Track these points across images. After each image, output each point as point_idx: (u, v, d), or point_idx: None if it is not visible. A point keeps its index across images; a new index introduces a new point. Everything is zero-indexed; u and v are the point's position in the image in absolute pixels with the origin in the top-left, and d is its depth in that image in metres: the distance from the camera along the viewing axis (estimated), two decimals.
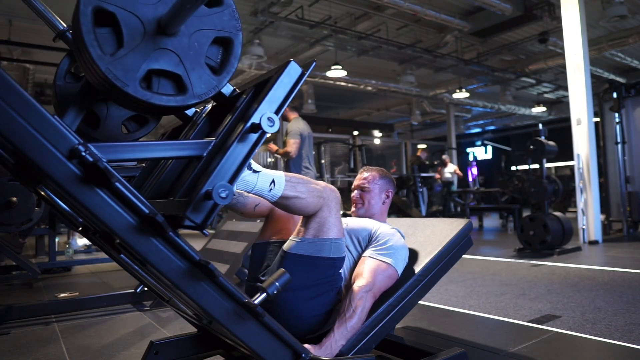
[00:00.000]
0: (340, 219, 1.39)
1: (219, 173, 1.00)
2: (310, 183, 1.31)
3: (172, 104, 1.01)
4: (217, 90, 1.08)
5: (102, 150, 0.95)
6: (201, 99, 1.05)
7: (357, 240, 1.57)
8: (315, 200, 1.30)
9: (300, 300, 1.35)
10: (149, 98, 0.98)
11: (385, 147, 13.97)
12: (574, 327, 2.15)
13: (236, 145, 1.04)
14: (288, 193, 1.26)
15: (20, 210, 3.33)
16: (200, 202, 0.97)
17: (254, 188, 1.23)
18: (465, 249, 1.71)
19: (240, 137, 1.04)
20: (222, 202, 0.96)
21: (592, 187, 5.59)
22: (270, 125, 1.05)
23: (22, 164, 1.12)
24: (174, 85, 1.04)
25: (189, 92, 1.03)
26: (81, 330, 2.40)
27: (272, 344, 1.14)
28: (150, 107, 1.01)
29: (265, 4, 7.11)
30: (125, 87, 0.95)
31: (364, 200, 1.75)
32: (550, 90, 13.31)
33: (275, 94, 1.10)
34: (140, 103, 0.98)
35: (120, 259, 1.36)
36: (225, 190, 0.96)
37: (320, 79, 10.08)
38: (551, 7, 7.71)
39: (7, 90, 0.86)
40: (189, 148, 1.07)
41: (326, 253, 1.35)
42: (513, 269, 3.88)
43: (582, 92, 5.66)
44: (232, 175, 1.02)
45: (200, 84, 1.05)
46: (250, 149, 1.05)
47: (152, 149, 1.03)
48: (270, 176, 1.24)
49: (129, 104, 1.02)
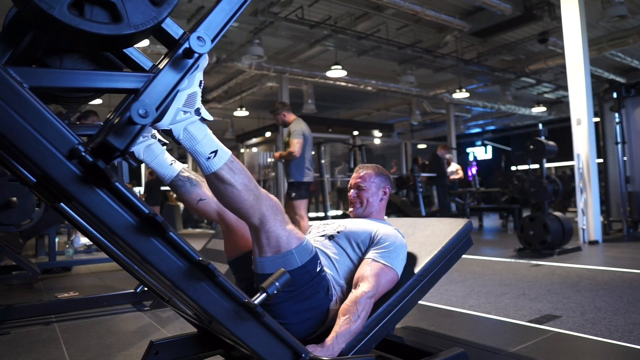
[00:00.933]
0: (287, 223, 1.30)
1: (145, 97, 0.96)
2: (252, 181, 1.21)
3: (105, 32, 0.93)
4: (156, 22, 1.00)
5: (28, 76, 0.90)
6: (137, 30, 0.97)
7: (356, 244, 1.56)
8: (248, 197, 1.19)
9: (288, 312, 1.34)
10: (78, 24, 0.90)
11: (385, 147, 13.97)
12: (574, 327, 2.15)
13: (167, 70, 0.99)
14: (224, 174, 1.15)
15: (20, 210, 3.33)
16: (123, 127, 0.93)
17: (197, 144, 1.12)
18: (465, 249, 1.71)
19: (172, 62, 1.00)
20: (141, 120, 0.91)
21: (592, 187, 5.59)
22: (200, 44, 1.00)
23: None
24: (109, 14, 0.96)
25: (124, 21, 0.96)
26: (81, 330, 2.40)
27: (272, 344, 1.14)
28: (80, 35, 0.92)
29: (265, 4, 7.11)
30: (50, 9, 0.87)
31: (361, 199, 1.74)
32: (550, 90, 13.30)
33: (213, 19, 1.05)
34: (69, 30, 0.90)
35: (121, 259, 1.36)
36: (143, 108, 0.92)
37: (320, 79, 10.08)
38: (551, 7, 7.71)
39: (7, 90, 0.86)
40: (125, 80, 1.01)
41: (294, 265, 1.31)
42: (513, 269, 3.88)
43: (582, 92, 5.66)
44: (160, 102, 0.98)
45: (137, 13, 0.97)
46: (183, 74, 1.01)
47: (84, 77, 0.97)
48: (216, 144, 1.15)
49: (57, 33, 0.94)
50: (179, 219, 11.00)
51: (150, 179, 9.19)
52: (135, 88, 1.00)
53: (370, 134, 14.56)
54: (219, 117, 13.88)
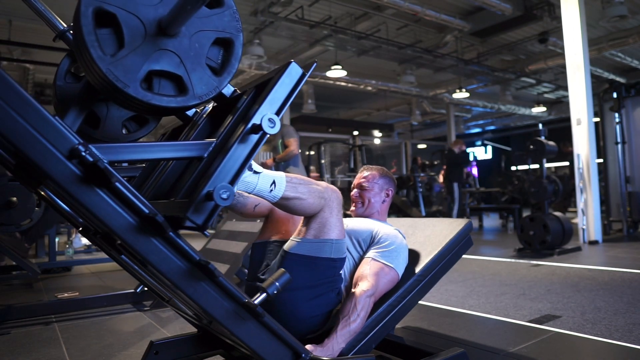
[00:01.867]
0: (341, 219, 1.38)
1: (220, 174, 1.00)
2: (312, 184, 1.31)
3: (173, 105, 1.02)
4: (217, 91, 1.08)
5: (103, 151, 0.95)
6: (202, 100, 1.05)
7: (357, 241, 1.56)
8: (316, 200, 1.29)
9: (300, 301, 1.35)
10: (150, 99, 0.98)
11: (385, 147, 13.98)
12: (574, 327, 2.15)
13: (237, 146, 1.04)
14: (289, 194, 1.25)
15: (20, 210, 3.33)
16: (201, 203, 0.97)
17: (255, 189, 1.22)
18: (465, 249, 1.71)
19: (241, 138, 1.04)
20: (223, 203, 0.96)
21: (592, 187, 5.59)
22: (271, 126, 1.05)
23: (23, 164, 1.12)
24: (175, 86, 1.04)
25: (190, 92, 1.04)
26: (81, 330, 2.40)
27: (272, 344, 1.14)
28: (151, 108, 1.01)
29: (265, 4, 7.11)
30: (126, 87, 0.95)
31: (363, 199, 1.74)
32: (550, 90, 13.30)
33: (276, 95, 1.10)
34: (141, 104, 0.99)
35: (120, 259, 1.37)
36: (226, 191, 0.97)
37: (320, 79, 10.08)
38: (551, 7, 7.71)
39: (7, 90, 0.86)
40: (190, 149, 1.07)
41: (327, 254, 1.34)
42: (513, 269, 3.88)
43: (582, 92, 5.66)
44: (233, 177, 1.02)
45: (201, 84, 1.05)
46: (251, 149, 1.05)
47: (153, 149, 1.03)
48: (270, 177, 1.24)
49: (129, 105, 1.02)
50: None
51: None
52: (200, 156, 1.07)
53: (370, 134, 14.58)
54: None
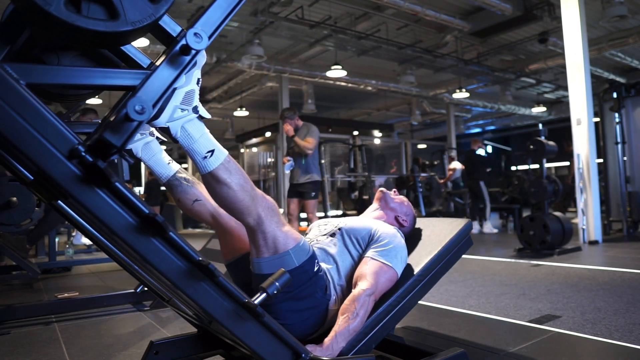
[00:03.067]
0: (283, 223, 1.30)
1: (141, 94, 0.96)
2: (248, 182, 1.21)
3: (101, 29, 0.93)
4: (153, 19, 0.99)
5: (23, 72, 0.90)
6: (135, 27, 0.97)
7: (355, 240, 1.56)
8: (245, 197, 1.19)
9: (285, 312, 1.34)
10: (75, 20, 0.89)
11: (385, 147, 13.96)
12: (574, 327, 2.15)
13: (164, 67, 0.99)
14: (220, 174, 1.15)
15: (20, 210, 3.33)
16: (119, 124, 0.93)
17: (194, 142, 1.12)
18: (465, 249, 1.71)
19: (169, 58, 1.00)
20: (137, 117, 0.91)
21: (592, 187, 5.59)
22: (197, 41, 1.00)
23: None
24: (105, 11, 0.96)
25: (121, 17, 0.95)
26: (81, 330, 2.40)
27: (272, 344, 1.14)
28: (77, 31, 0.92)
29: (265, 4, 7.11)
30: (47, 6, 0.86)
31: (386, 201, 1.78)
32: (550, 90, 13.30)
33: (210, 16, 1.05)
34: (66, 27, 0.90)
35: (121, 259, 1.36)
36: (139, 104, 0.91)
37: (320, 79, 10.08)
38: (551, 7, 7.71)
39: (7, 90, 0.86)
40: (122, 77, 1.00)
41: (291, 265, 1.30)
42: (513, 269, 3.88)
43: (582, 92, 5.66)
44: (158, 98, 0.98)
45: (133, 10, 0.96)
46: (180, 71, 1.00)
47: (82, 74, 0.97)
48: (213, 144, 1.15)
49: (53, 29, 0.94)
50: (179, 219, 11.01)
51: (150, 179, 9.21)
52: (132, 85, 1.00)
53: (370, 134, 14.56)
54: (219, 117, 13.88)
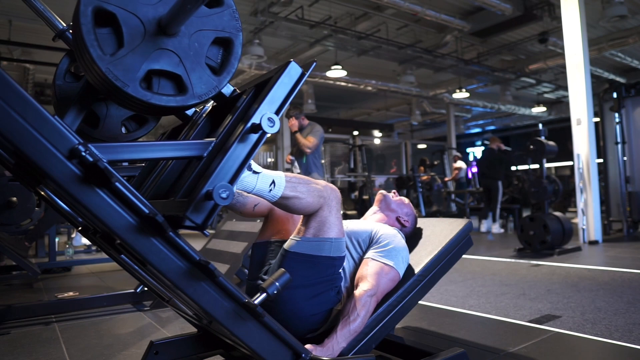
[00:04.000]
0: (340, 218, 1.39)
1: (219, 173, 1.00)
2: (311, 183, 1.31)
3: (172, 105, 1.02)
4: (217, 91, 1.08)
5: (102, 151, 0.95)
6: (201, 99, 1.05)
7: (357, 242, 1.56)
8: (315, 200, 1.30)
9: (299, 299, 1.35)
10: (149, 98, 0.98)
11: (385, 147, 13.96)
12: (574, 327, 2.15)
13: (236, 145, 1.04)
14: (288, 193, 1.26)
15: (20, 210, 3.33)
16: (200, 203, 0.97)
17: (254, 189, 1.23)
18: (465, 249, 1.71)
19: (240, 137, 1.04)
20: (222, 202, 0.96)
21: (592, 187, 5.59)
22: (270, 125, 1.05)
23: (22, 163, 1.12)
24: (174, 86, 1.04)
25: (189, 92, 1.03)
26: (81, 330, 2.40)
27: (272, 344, 1.14)
28: (150, 107, 1.01)
29: (265, 4, 7.12)
30: (125, 87, 0.95)
31: (387, 203, 1.80)
32: (550, 90, 13.31)
33: (275, 94, 1.10)
34: (141, 103, 0.99)
35: (120, 259, 1.36)
36: (225, 190, 0.97)
37: (320, 79, 10.08)
38: (551, 7, 7.71)
39: (7, 90, 0.86)
40: (189, 148, 1.07)
41: (326, 252, 1.35)
42: (513, 269, 3.88)
43: (582, 92, 5.66)
44: (233, 176, 1.02)
45: (200, 84, 1.05)
46: (251, 149, 1.05)
47: (153, 149, 1.03)
48: (270, 177, 1.24)
49: (129, 104, 1.02)
50: None
51: None
52: (199, 155, 1.07)
53: (370, 134, 14.58)
54: None
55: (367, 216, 1.84)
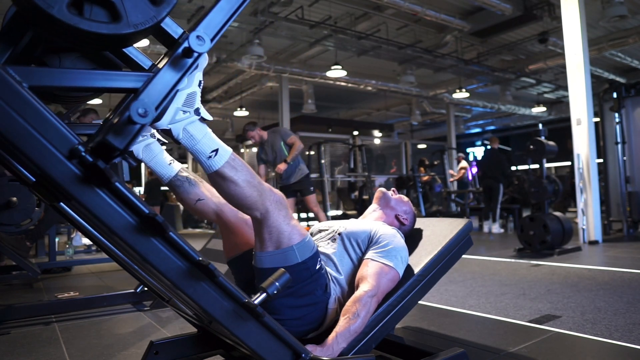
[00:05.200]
0: (291, 218, 1.32)
1: (144, 96, 0.96)
2: (255, 177, 1.22)
3: (104, 31, 0.93)
4: (155, 21, 1.00)
5: (28, 75, 0.90)
6: (137, 29, 0.97)
7: (355, 243, 1.56)
8: (250, 193, 1.20)
9: (284, 308, 1.34)
10: (77, 23, 0.90)
11: (385, 147, 13.96)
12: (574, 327, 2.15)
13: (166, 69, 0.99)
14: (226, 171, 1.16)
15: (21, 210, 3.33)
16: (122, 127, 0.93)
17: (197, 143, 1.13)
18: (465, 249, 1.70)
19: (171, 61, 1.00)
20: (140, 120, 0.91)
21: (592, 187, 5.59)
22: (200, 44, 1.00)
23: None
24: (108, 14, 0.96)
25: (123, 20, 0.95)
26: (81, 330, 2.40)
27: (272, 344, 1.14)
28: (79, 34, 0.92)
29: (265, 4, 7.11)
30: (49, 8, 0.86)
31: (386, 200, 1.79)
32: (550, 90, 13.30)
33: (212, 19, 1.05)
34: (68, 29, 0.90)
35: (121, 259, 1.36)
36: (142, 107, 0.92)
37: (320, 79, 10.07)
38: (551, 7, 7.71)
39: (7, 90, 0.86)
40: (124, 79, 1.01)
41: (293, 260, 1.31)
42: (513, 269, 3.88)
43: (582, 92, 5.66)
44: (160, 101, 0.98)
45: (136, 12, 0.97)
46: (182, 74, 1.01)
47: (84, 77, 0.98)
48: (216, 143, 1.16)
49: (56, 32, 0.94)
50: (179, 219, 11.01)
51: (150, 178, 9.21)
52: (134, 87, 1.00)
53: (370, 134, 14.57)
54: (219, 117, 13.87)
55: (366, 214, 1.83)
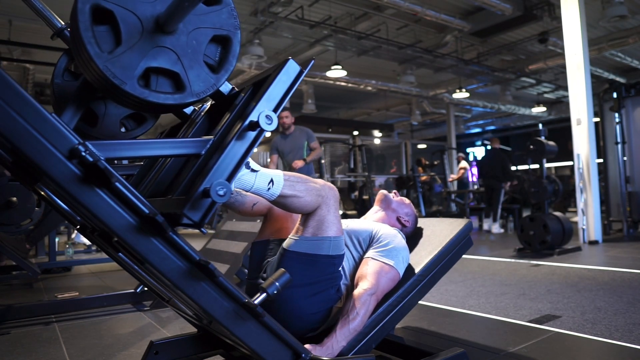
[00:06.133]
0: (338, 216, 1.39)
1: (216, 171, 1.00)
2: (309, 182, 1.32)
3: (170, 102, 1.01)
4: (215, 89, 1.08)
5: (101, 148, 0.95)
6: (199, 97, 1.05)
7: (357, 241, 1.56)
8: (313, 198, 1.30)
9: (299, 298, 1.35)
10: (147, 96, 0.98)
11: (385, 147, 13.96)
12: (574, 327, 2.15)
13: (234, 143, 1.03)
14: (286, 192, 1.26)
15: (20, 210, 3.33)
16: (198, 200, 0.97)
17: (252, 187, 1.23)
18: (465, 249, 1.70)
19: (238, 135, 1.04)
20: (219, 199, 0.96)
21: (592, 187, 5.59)
22: (268, 123, 1.05)
23: (20, 162, 1.12)
24: (172, 84, 1.04)
25: (187, 90, 1.03)
26: (81, 330, 2.39)
27: (272, 344, 1.13)
28: (148, 105, 1.00)
29: (265, 4, 7.11)
30: (123, 85, 0.94)
31: (387, 203, 1.80)
32: (550, 90, 13.31)
33: (273, 91, 1.09)
34: (138, 101, 0.98)
35: (120, 258, 1.36)
36: (223, 187, 0.97)
37: (320, 79, 10.08)
38: (551, 7, 7.71)
39: (7, 90, 0.86)
40: (187, 146, 1.07)
41: (325, 251, 1.35)
42: (513, 269, 3.88)
43: (582, 92, 5.66)
44: (230, 173, 1.02)
45: (198, 82, 1.05)
46: (249, 147, 1.05)
47: (151, 146, 1.03)
48: (268, 176, 1.25)
49: (127, 102, 1.02)
50: None
51: None
52: (197, 153, 1.07)
53: (370, 134, 14.58)
54: None
55: (367, 216, 1.83)
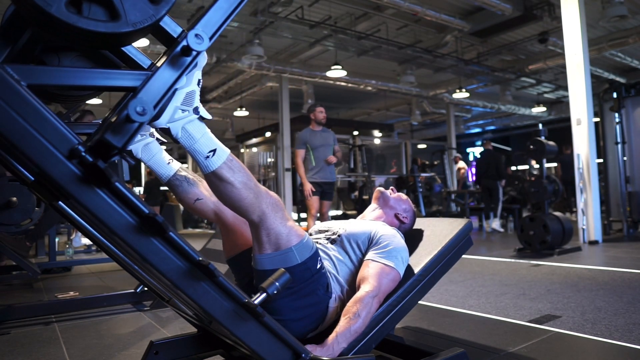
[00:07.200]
0: (288, 219, 1.31)
1: (142, 94, 0.96)
2: (251, 180, 1.22)
3: (102, 30, 0.93)
4: (154, 20, 0.99)
5: (25, 73, 0.90)
6: (135, 28, 0.97)
7: (356, 244, 1.55)
8: (249, 195, 1.19)
9: (285, 309, 1.34)
10: (75, 21, 0.90)
11: (385, 147, 13.95)
12: (574, 327, 2.15)
13: (164, 68, 0.99)
14: (223, 173, 1.15)
15: (21, 210, 3.33)
16: (120, 125, 0.93)
17: (195, 143, 1.12)
18: (465, 249, 1.70)
19: (169, 60, 1.00)
20: (138, 118, 0.91)
21: (592, 187, 5.59)
22: (198, 42, 1.00)
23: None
24: (106, 12, 0.96)
25: (122, 19, 0.95)
26: (81, 330, 2.40)
27: (272, 344, 1.14)
28: (77, 32, 0.92)
29: (265, 4, 7.11)
30: (48, 7, 0.86)
31: (385, 199, 1.79)
32: (550, 90, 13.30)
33: (211, 17, 1.05)
34: (67, 28, 0.90)
35: (120, 258, 1.36)
36: (140, 106, 0.92)
37: (320, 79, 10.07)
38: (551, 7, 7.71)
39: (7, 90, 0.86)
40: (123, 78, 1.00)
41: (294, 261, 1.31)
42: (513, 269, 3.88)
43: (582, 92, 5.66)
44: (158, 100, 0.98)
45: (134, 11, 0.97)
46: (181, 72, 1.01)
47: (82, 75, 0.98)
48: (215, 144, 1.15)
49: (55, 31, 0.94)
50: (179, 219, 11.00)
51: (150, 178, 9.21)
52: (133, 86, 1.00)
53: (370, 134, 14.55)
54: (219, 117, 13.88)
55: (365, 214, 1.83)
